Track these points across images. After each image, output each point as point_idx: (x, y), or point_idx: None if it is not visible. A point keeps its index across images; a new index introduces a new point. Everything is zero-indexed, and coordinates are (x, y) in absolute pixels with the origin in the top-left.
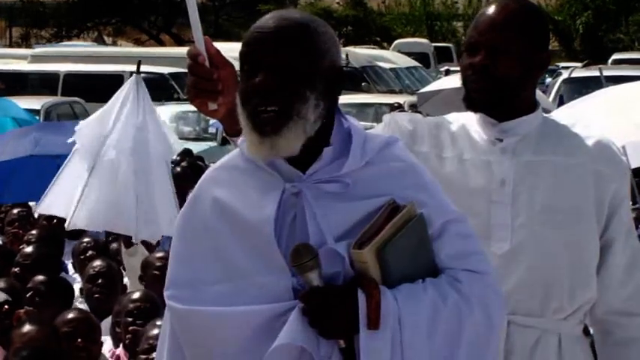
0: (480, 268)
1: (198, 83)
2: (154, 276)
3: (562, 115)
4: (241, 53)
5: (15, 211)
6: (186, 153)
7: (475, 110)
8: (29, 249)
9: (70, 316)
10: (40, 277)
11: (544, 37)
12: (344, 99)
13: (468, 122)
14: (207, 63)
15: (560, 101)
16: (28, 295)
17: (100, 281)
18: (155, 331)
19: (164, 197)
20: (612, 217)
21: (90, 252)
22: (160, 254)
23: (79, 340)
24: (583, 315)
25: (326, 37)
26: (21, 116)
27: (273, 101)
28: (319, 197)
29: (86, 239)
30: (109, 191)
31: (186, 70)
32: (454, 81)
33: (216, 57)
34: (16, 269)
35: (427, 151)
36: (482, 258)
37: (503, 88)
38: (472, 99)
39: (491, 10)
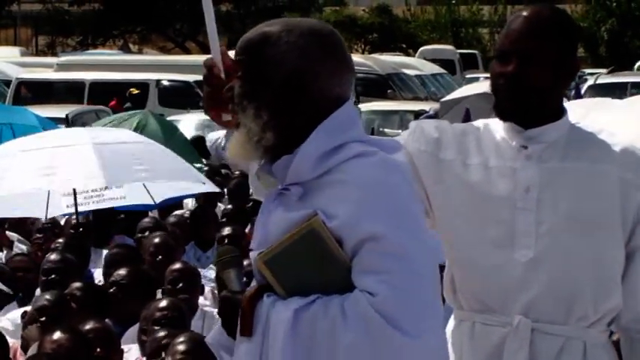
0: (377, 289)
1: (213, 94)
2: None
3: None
4: None
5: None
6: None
7: (505, 119)
8: (55, 256)
9: (88, 326)
10: (77, 284)
11: (575, 44)
12: (369, 106)
13: (494, 129)
14: (222, 74)
15: None
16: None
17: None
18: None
19: None
20: (638, 225)
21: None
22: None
23: (99, 349)
24: (608, 322)
25: (284, 46)
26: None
27: (232, 110)
28: (279, 202)
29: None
30: None
31: None
32: (475, 88)
33: (232, 68)
34: (43, 278)
35: (452, 158)
36: (388, 279)
37: (534, 96)
38: (503, 108)
39: (523, 17)
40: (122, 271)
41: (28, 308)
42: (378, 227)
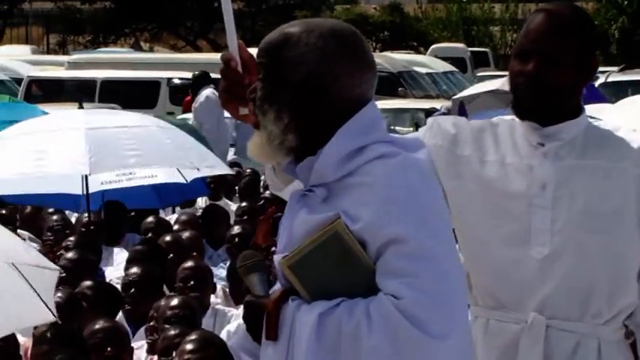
0: (401, 292)
1: (230, 88)
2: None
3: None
4: None
5: (54, 217)
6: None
7: (523, 118)
8: (67, 254)
9: (97, 326)
10: (88, 283)
11: (594, 42)
12: (380, 104)
13: (511, 126)
14: (239, 68)
15: None
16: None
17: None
18: (172, 332)
19: None
20: None
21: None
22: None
23: (109, 348)
24: (623, 320)
25: (304, 48)
26: None
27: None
28: (304, 203)
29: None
30: None
31: None
32: (487, 86)
33: (250, 62)
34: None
35: (469, 154)
36: (414, 282)
37: (554, 95)
38: (522, 107)
39: (543, 15)
40: (135, 269)
41: None
42: (402, 229)
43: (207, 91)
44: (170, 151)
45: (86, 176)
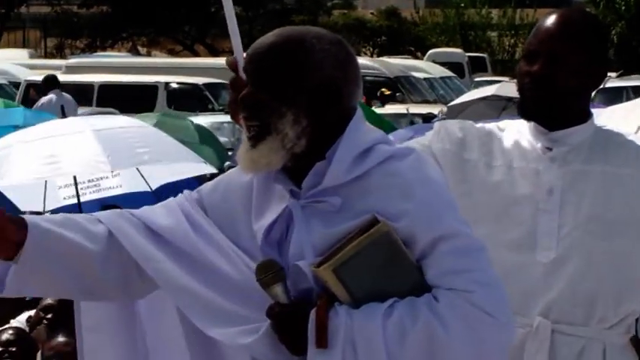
0: (469, 287)
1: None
2: None
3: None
4: (242, 68)
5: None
6: None
7: (528, 119)
8: None
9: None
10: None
11: (603, 50)
12: (377, 109)
13: (519, 130)
14: (242, 74)
15: None
16: None
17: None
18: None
19: None
20: None
21: None
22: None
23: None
24: (629, 325)
25: (320, 53)
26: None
27: (254, 116)
28: (311, 213)
29: None
30: None
31: (220, 81)
32: (482, 92)
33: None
34: None
35: (476, 158)
36: (475, 275)
37: (559, 98)
38: (526, 107)
39: (553, 19)
40: None
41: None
42: (448, 225)
43: (52, 95)
44: (175, 148)
45: (45, 191)
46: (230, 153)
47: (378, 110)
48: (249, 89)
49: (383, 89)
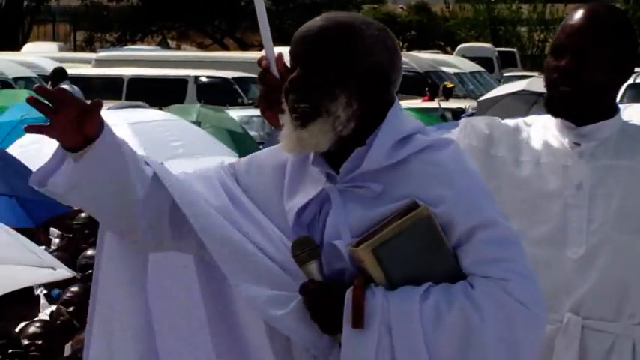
0: (505, 276)
1: (269, 94)
2: None
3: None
4: (289, 51)
5: (82, 215)
6: None
7: (556, 115)
8: (91, 252)
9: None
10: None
11: (631, 45)
12: (407, 104)
13: (546, 126)
14: (273, 69)
15: None
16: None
17: None
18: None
19: None
20: None
21: None
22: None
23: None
24: None
25: (370, 39)
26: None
27: (304, 98)
28: (349, 197)
29: None
30: None
31: (250, 75)
32: (511, 87)
33: (286, 72)
34: (80, 273)
35: (504, 155)
36: (512, 265)
37: (587, 92)
38: (554, 103)
39: (580, 13)
40: None
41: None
42: (487, 214)
43: (64, 85)
44: (207, 141)
45: None
46: (260, 147)
47: (422, 104)
48: (299, 72)
49: (445, 82)
